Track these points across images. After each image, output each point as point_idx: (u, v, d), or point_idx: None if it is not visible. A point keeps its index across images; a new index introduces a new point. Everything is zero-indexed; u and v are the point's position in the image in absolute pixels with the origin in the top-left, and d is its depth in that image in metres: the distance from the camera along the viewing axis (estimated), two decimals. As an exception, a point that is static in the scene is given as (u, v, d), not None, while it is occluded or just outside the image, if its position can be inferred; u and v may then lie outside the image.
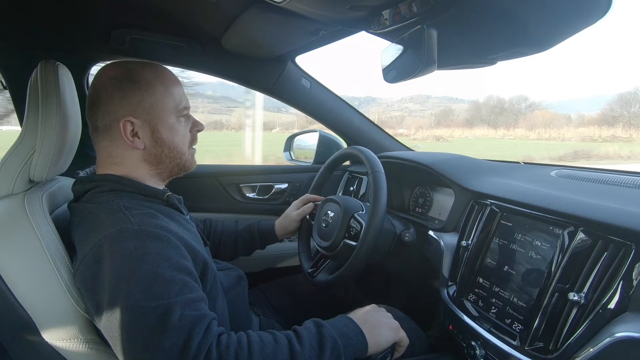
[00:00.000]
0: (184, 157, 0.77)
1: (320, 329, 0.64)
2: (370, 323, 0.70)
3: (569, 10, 0.65)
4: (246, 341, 0.59)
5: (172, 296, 0.56)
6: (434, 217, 1.23)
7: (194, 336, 0.55)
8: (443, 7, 0.65)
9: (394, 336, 0.73)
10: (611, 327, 0.59)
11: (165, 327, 0.54)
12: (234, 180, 1.55)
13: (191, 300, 0.58)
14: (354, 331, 0.67)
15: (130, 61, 0.74)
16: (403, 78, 0.76)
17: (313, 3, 0.73)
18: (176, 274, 0.59)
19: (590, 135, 36.13)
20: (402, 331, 0.75)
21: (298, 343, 0.61)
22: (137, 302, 0.55)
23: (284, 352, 0.59)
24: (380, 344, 0.70)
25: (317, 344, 0.62)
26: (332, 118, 1.56)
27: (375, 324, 0.71)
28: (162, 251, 0.60)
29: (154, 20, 1.09)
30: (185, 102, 0.76)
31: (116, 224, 0.61)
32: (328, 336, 0.63)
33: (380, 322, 0.72)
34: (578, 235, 0.69)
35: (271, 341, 0.60)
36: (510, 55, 0.83)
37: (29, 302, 0.63)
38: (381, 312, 0.75)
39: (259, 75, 1.42)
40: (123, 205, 0.66)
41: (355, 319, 0.70)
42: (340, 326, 0.67)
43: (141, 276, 0.56)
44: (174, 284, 0.58)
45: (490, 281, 0.84)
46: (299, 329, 0.65)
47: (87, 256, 0.60)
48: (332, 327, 0.66)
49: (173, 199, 0.76)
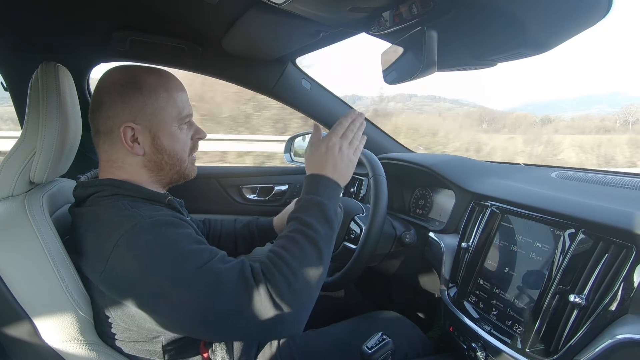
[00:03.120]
0: (184, 164, 0.77)
1: (319, 206, 0.70)
2: (326, 168, 0.75)
3: (569, 11, 0.65)
4: (274, 256, 0.64)
5: (207, 260, 0.61)
6: (434, 218, 1.23)
7: (246, 276, 0.60)
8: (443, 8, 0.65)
9: (352, 163, 0.78)
10: (612, 329, 0.59)
11: (220, 282, 0.59)
12: (235, 182, 1.55)
13: (222, 256, 0.63)
14: (332, 187, 0.74)
15: (135, 66, 0.74)
16: (403, 79, 0.76)
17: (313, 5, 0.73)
18: (200, 245, 0.63)
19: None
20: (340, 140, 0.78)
21: (310, 229, 0.67)
22: (181, 279, 0.58)
23: (307, 246, 0.65)
24: (347, 178, 0.77)
25: (323, 219, 0.69)
26: (333, 119, 1.56)
27: (330, 166, 0.75)
28: (179, 232, 0.63)
29: (154, 22, 1.09)
30: (188, 109, 0.76)
31: (128, 222, 0.62)
32: (328, 211, 0.70)
33: (339, 164, 0.76)
34: (579, 236, 0.69)
35: (292, 246, 0.65)
36: (511, 57, 0.83)
37: (29, 304, 0.63)
38: (332, 152, 0.76)
39: (260, 77, 1.42)
40: (129, 204, 0.66)
41: (323, 173, 0.74)
42: (312, 187, 0.73)
43: (171, 259, 0.59)
44: (203, 252, 0.62)
45: (491, 283, 0.84)
46: (305, 218, 0.69)
47: (109, 258, 0.60)
48: (317, 194, 0.72)
49: (174, 203, 0.76)
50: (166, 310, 0.59)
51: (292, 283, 0.61)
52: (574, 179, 0.98)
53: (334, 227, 0.70)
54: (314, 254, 0.65)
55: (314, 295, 0.65)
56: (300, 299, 0.62)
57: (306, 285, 0.63)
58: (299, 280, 0.62)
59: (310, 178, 0.74)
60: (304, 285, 0.62)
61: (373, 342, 0.78)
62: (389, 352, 0.74)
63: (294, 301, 0.60)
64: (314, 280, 0.64)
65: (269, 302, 0.59)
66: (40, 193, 0.73)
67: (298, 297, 0.61)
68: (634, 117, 50.34)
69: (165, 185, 0.78)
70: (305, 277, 0.63)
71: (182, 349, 0.72)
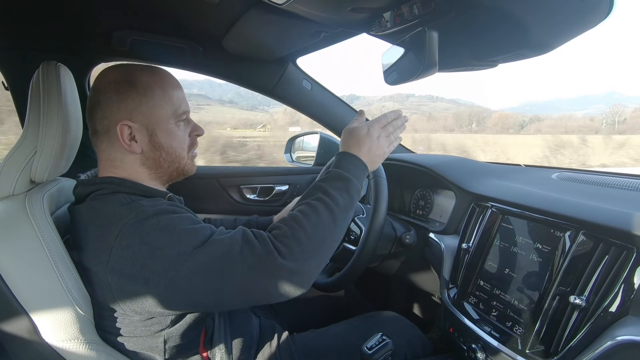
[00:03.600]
0: (182, 161, 0.77)
1: (345, 181, 0.73)
2: (361, 150, 0.78)
3: (571, 12, 0.65)
4: (288, 218, 0.67)
5: (212, 233, 0.64)
6: (434, 219, 1.23)
7: (249, 238, 0.63)
8: (444, 9, 0.65)
9: (384, 154, 0.81)
10: (612, 331, 0.59)
11: (227, 249, 0.61)
12: (235, 182, 1.55)
13: (222, 229, 0.66)
14: (354, 163, 0.76)
15: (130, 64, 0.74)
16: (404, 80, 0.76)
17: (314, 5, 0.73)
18: (201, 224, 0.66)
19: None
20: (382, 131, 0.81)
21: (330, 199, 0.69)
22: (190, 253, 0.60)
23: (325, 213, 0.68)
24: (375, 166, 0.81)
25: (345, 193, 0.72)
26: (333, 120, 1.56)
27: (365, 150, 0.78)
28: (181, 215, 0.66)
29: (155, 21, 1.09)
30: (185, 106, 0.76)
31: (130, 212, 0.63)
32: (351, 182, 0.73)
33: (374, 151, 0.79)
34: (579, 238, 0.69)
35: (309, 210, 0.68)
36: (512, 58, 0.83)
37: (29, 303, 0.63)
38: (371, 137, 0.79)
39: (260, 77, 1.42)
40: (129, 198, 0.67)
41: (357, 154, 0.77)
42: (344, 164, 0.76)
43: (178, 236, 0.61)
44: (205, 228, 0.65)
45: (491, 284, 0.84)
46: (328, 189, 0.71)
47: (113, 247, 0.61)
48: (346, 170, 0.74)
49: (174, 200, 0.76)
50: (181, 286, 0.60)
51: (303, 243, 0.64)
52: (575, 180, 0.98)
53: (353, 202, 0.73)
54: (329, 221, 0.67)
55: (324, 258, 0.67)
56: (310, 258, 0.64)
57: (317, 247, 0.65)
58: (311, 241, 0.64)
59: (343, 155, 0.77)
60: (315, 246, 0.65)
61: (373, 343, 0.78)
62: (389, 353, 0.74)
63: (304, 259, 0.63)
64: (326, 245, 0.67)
65: (276, 256, 0.61)
66: (41, 192, 0.73)
67: (308, 256, 0.64)
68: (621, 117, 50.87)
69: (164, 182, 0.78)
70: (317, 239, 0.65)
71: (182, 346, 0.72)
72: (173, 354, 0.71)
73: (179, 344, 0.71)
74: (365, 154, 0.77)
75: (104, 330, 0.68)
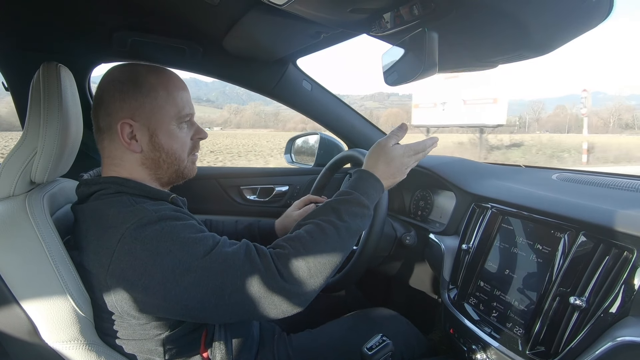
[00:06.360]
0: (182, 163, 0.77)
1: (359, 205, 0.72)
2: (386, 173, 0.78)
3: (571, 13, 0.64)
4: (292, 237, 0.67)
5: (214, 245, 0.63)
6: (434, 220, 1.23)
7: (252, 256, 0.63)
8: (444, 10, 0.65)
9: (402, 178, 0.80)
10: (613, 331, 0.59)
11: (228, 264, 0.61)
12: (235, 183, 1.55)
13: (225, 240, 0.66)
14: (376, 188, 0.76)
15: (136, 64, 0.74)
16: (404, 81, 0.76)
17: (314, 6, 0.73)
18: (204, 233, 0.66)
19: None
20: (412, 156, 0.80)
21: (341, 221, 0.69)
22: (191, 264, 0.60)
23: (332, 234, 0.68)
24: (393, 184, 0.80)
25: (359, 217, 0.71)
26: (333, 120, 1.56)
27: (390, 173, 0.78)
28: (185, 223, 0.65)
29: (155, 22, 1.09)
30: (189, 108, 0.76)
31: (134, 216, 0.63)
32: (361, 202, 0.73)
33: (396, 176, 0.79)
34: (579, 239, 0.69)
35: (317, 231, 0.67)
36: (512, 59, 0.83)
37: (29, 304, 0.62)
38: (392, 157, 0.78)
39: (260, 78, 1.42)
40: (133, 200, 0.67)
41: (376, 174, 0.77)
42: (367, 188, 0.75)
43: (180, 245, 0.61)
44: (208, 238, 0.64)
45: (491, 285, 0.84)
46: (341, 210, 0.71)
47: (115, 251, 0.60)
48: (358, 191, 0.74)
49: (178, 201, 0.75)
50: (178, 296, 0.60)
51: (306, 266, 0.64)
52: (575, 181, 0.98)
53: (364, 227, 0.73)
54: (337, 247, 0.68)
55: (325, 280, 0.67)
56: (311, 282, 0.64)
57: (320, 270, 0.65)
58: (314, 266, 0.64)
59: (368, 176, 0.77)
60: (318, 270, 0.65)
61: (373, 344, 0.78)
62: (389, 354, 0.74)
63: (304, 282, 0.64)
64: (330, 268, 0.67)
65: (277, 277, 0.62)
66: (41, 193, 0.73)
67: (309, 279, 0.64)
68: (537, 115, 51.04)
69: (164, 184, 0.78)
70: (321, 263, 0.65)
71: (182, 348, 0.72)
72: (173, 355, 0.71)
73: (179, 346, 0.71)
74: (388, 177, 0.77)
75: (103, 332, 0.68)
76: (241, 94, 26.42)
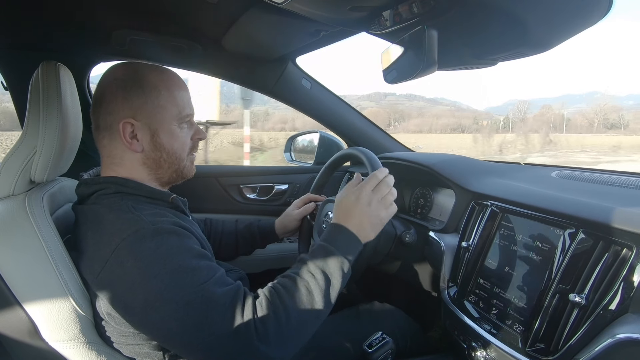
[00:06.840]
0: (182, 163, 0.77)
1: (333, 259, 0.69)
2: (360, 224, 0.74)
3: (570, 10, 0.64)
4: (274, 294, 0.64)
5: (204, 280, 0.61)
6: (434, 218, 1.23)
7: (237, 304, 0.60)
8: (444, 7, 0.65)
9: (381, 221, 0.76)
10: (612, 329, 0.59)
11: (211, 306, 0.59)
12: (235, 181, 1.55)
13: (220, 276, 0.63)
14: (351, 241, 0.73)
15: (138, 63, 0.74)
16: (404, 79, 0.76)
17: (313, 4, 0.73)
18: (200, 261, 0.63)
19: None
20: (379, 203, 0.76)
21: (314, 279, 0.66)
22: (176, 294, 0.58)
23: (307, 294, 0.65)
24: (372, 235, 0.76)
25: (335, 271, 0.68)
26: (333, 119, 1.56)
27: (364, 223, 0.74)
28: (182, 244, 0.63)
29: (154, 21, 1.09)
30: (189, 109, 0.76)
31: (131, 226, 0.62)
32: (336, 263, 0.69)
33: (365, 220, 0.74)
34: (579, 236, 0.69)
35: (294, 289, 0.65)
36: (511, 56, 0.83)
37: (29, 303, 0.63)
38: (361, 204, 0.75)
39: (260, 76, 1.42)
40: (132, 206, 0.66)
41: (346, 225, 0.73)
42: (340, 242, 0.71)
43: (171, 271, 0.59)
44: (202, 269, 0.62)
45: (491, 282, 0.84)
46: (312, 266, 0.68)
47: (108, 261, 0.60)
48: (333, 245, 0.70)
49: (178, 202, 0.75)
50: (153, 322, 0.60)
51: (283, 326, 0.61)
52: (574, 179, 0.98)
53: (343, 280, 0.69)
54: (313, 303, 0.64)
55: (302, 340, 0.65)
56: (286, 344, 0.62)
57: (296, 331, 0.63)
58: (290, 326, 0.62)
59: (332, 226, 0.74)
60: (294, 331, 0.63)
61: (373, 341, 0.78)
62: (389, 352, 0.75)
63: (280, 343, 0.61)
64: (306, 329, 0.65)
65: (254, 335, 0.59)
66: (41, 192, 0.73)
67: (285, 340, 0.62)
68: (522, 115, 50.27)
69: (164, 184, 0.78)
70: (298, 323, 0.63)
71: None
72: (173, 355, 0.71)
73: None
74: (355, 225, 0.73)
75: (102, 333, 0.68)
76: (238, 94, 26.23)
